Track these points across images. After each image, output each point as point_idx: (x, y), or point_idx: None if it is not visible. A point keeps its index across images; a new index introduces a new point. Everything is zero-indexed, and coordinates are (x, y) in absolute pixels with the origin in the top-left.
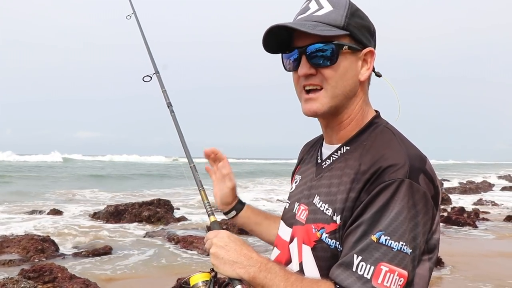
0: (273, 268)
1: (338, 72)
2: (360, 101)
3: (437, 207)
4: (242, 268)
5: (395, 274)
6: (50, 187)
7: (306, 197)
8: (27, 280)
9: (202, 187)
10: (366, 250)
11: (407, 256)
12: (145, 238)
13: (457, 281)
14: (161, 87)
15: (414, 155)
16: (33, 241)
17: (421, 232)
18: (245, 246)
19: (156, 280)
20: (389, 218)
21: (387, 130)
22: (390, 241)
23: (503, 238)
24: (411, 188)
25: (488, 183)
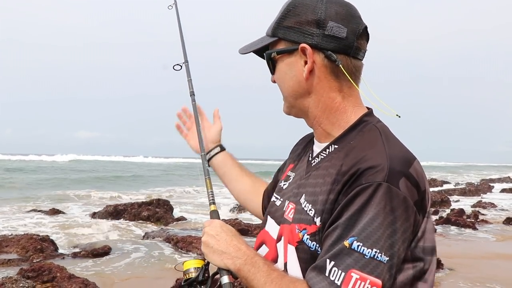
0: (258, 262)
1: (279, 77)
2: (323, 98)
3: (424, 213)
4: (230, 259)
5: (367, 282)
6: (54, 187)
7: (294, 196)
8: (26, 280)
9: (209, 176)
10: (338, 256)
11: (382, 264)
12: (144, 239)
13: (456, 283)
14: (188, 76)
15: (397, 157)
16: (32, 240)
17: (399, 239)
18: (236, 237)
19: (155, 280)
20: (362, 224)
21: (374, 129)
22: (362, 248)
23: (503, 240)
24: (389, 193)
25: (487, 185)
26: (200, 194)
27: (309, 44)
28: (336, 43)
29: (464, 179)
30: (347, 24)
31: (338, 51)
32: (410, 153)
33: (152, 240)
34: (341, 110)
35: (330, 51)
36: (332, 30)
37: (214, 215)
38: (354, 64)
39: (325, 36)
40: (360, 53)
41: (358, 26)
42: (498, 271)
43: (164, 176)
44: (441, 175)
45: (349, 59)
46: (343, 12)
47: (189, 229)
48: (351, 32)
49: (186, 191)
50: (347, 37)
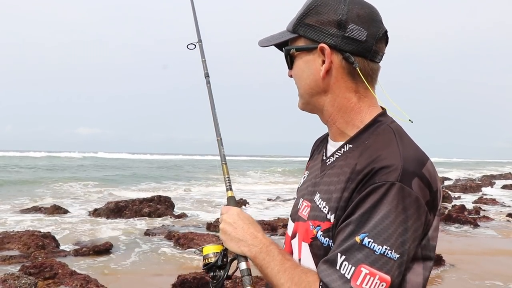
0: (273, 251)
1: (296, 73)
2: (339, 98)
3: (434, 212)
4: (246, 246)
5: (376, 278)
6: (59, 184)
7: (309, 194)
8: (27, 276)
9: (225, 161)
10: (349, 251)
11: (392, 260)
12: (145, 235)
13: (457, 279)
14: (202, 57)
15: (411, 158)
16: (33, 237)
17: (411, 238)
18: (253, 225)
19: (156, 277)
20: (374, 221)
21: (389, 129)
22: (373, 244)
23: (504, 236)
24: (402, 192)
25: (489, 181)
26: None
27: (328, 44)
28: (355, 46)
29: (465, 175)
30: (368, 27)
31: (356, 54)
32: (423, 153)
33: (153, 237)
34: (356, 110)
35: (348, 53)
36: (353, 32)
37: (231, 201)
38: (371, 67)
39: (345, 38)
40: (378, 57)
41: (378, 30)
42: (499, 267)
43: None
44: (442, 170)
45: (367, 62)
46: (364, 15)
47: (190, 225)
48: (371, 36)
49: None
50: (366, 40)
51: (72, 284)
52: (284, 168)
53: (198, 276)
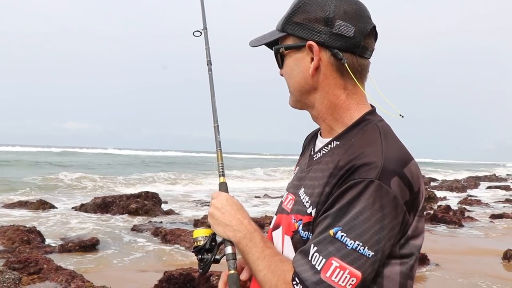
0: (255, 238)
1: (286, 72)
2: (328, 95)
3: (415, 213)
4: (232, 231)
5: (346, 272)
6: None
7: (295, 187)
8: (12, 271)
9: (220, 148)
10: (322, 243)
11: (364, 257)
12: (132, 231)
13: (441, 278)
14: (206, 44)
15: (393, 157)
16: (18, 231)
17: (386, 237)
18: (240, 211)
19: (143, 273)
20: (349, 216)
21: (375, 128)
22: (345, 238)
23: (488, 236)
24: (380, 190)
25: (474, 182)
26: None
27: (316, 41)
28: (343, 42)
29: (451, 176)
30: (355, 23)
31: (344, 50)
32: (408, 153)
33: (140, 233)
34: (345, 107)
35: (336, 49)
36: (340, 28)
37: (223, 187)
38: (360, 62)
39: (333, 35)
40: (367, 52)
41: (366, 26)
42: (483, 266)
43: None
44: (428, 171)
45: (355, 57)
46: (352, 11)
47: (177, 222)
48: (358, 32)
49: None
50: (354, 36)
51: (57, 279)
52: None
53: (184, 272)
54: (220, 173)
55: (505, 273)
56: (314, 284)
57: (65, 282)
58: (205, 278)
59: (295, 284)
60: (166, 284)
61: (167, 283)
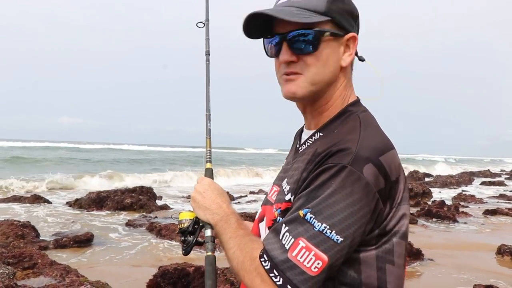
0: (231, 220)
1: (320, 59)
2: (341, 87)
3: (392, 202)
4: (211, 214)
5: (311, 254)
6: None
7: (279, 179)
8: (6, 266)
9: (209, 135)
10: (293, 223)
11: (331, 241)
12: (126, 226)
13: (436, 273)
14: (206, 35)
15: (368, 144)
16: (13, 226)
17: (357, 223)
18: (221, 196)
19: (137, 268)
20: (319, 198)
21: (356, 118)
22: (313, 220)
23: (482, 232)
24: (351, 176)
25: (468, 178)
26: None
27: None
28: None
29: (445, 172)
30: (358, 25)
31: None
32: (388, 143)
33: (134, 228)
34: (345, 99)
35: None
36: (358, 27)
37: (208, 172)
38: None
39: (357, 31)
40: None
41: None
42: (477, 261)
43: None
44: (422, 167)
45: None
46: (358, 13)
47: (173, 216)
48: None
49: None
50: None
51: (52, 274)
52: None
53: (179, 267)
54: (207, 159)
55: (499, 268)
56: (281, 262)
57: (60, 277)
58: (200, 273)
59: (263, 261)
60: (161, 279)
61: (162, 278)
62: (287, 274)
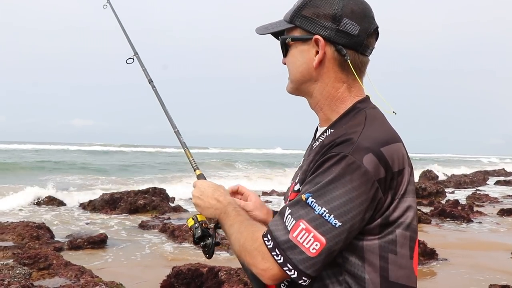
0: (228, 209)
1: (289, 61)
2: (327, 87)
3: (394, 193)
4: (214, 210)
5: (310, 235)
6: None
7: (295, 176)
8: (22, 266)
9: (186, 147)
10: (295, 206)
11: (329, 224)
12: (140, 227)
13: (450, 273)
14: (141, 66)
15: (370, 136)
16: (28, 228)
17: (355, 209)
18: (217, 191)
19: (151, 269)
20: (320, 184)
21: (363, 114)
22: (314, 204)
23: (497, 231)
24: (352, 164)
25: (482, 177)
26: None
27: (322, 36)
28: (347, 39)
29: (459, 171)
30: (360, 23)
31: (348, 47)
32: (392, 136)
33: (148, 229)
34: (342, 99)
35: (341, 45)
36: (346, 26)
37: (201, 177)
38: (361, 59)
39: (338, 31)
40: (368, 50)
41: (370, 26)
42: (492, 261)
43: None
44: (436, 167)
45: (357, 55)
46: (358, 11)
47: (185, 218)
48: (363, 31)
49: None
50: (358, 35)
51: (67, 274)
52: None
53: (193, 267)
54: (195, 167)
55: None
56: (282, 242)
57: (74, 278)
58: (213, 273)
59: (266, 240)
60: (174, 280)
61: (175, 278)
62: (287, 253)
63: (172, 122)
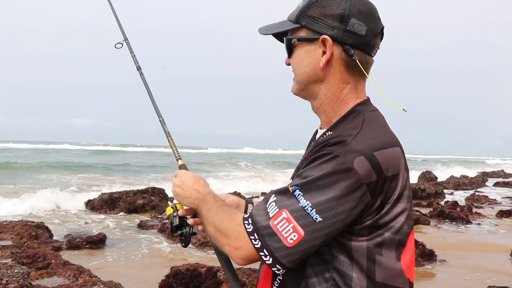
0: (207, 198)
1: (295, 62)
2: (333, 87)
3: (385, 198)
4: (193, 200)
5: (290, 225)
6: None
7: (293, 177)
8: (20, 266)
9: (170, 137)
10: (281, 195)
11: (310, 218)
12: (139, 227)
13: (449, 274)
14: (131, 53)
15: (365, 139)
16: (27, 227)
17: (339, 208)
18: (197, 182)
19: (150, 268)
20: (308, 178)
21: (361, 116)
22: (300, 197)
23: (496, 233)
24: (341, 165)
25: (481, 178)
26: None
27: (330, 36)
28: (355, 39)
29: (457, 172)
30: (367, 23)
31: (355, 47)
32: (389, 141)
33: (146, 229)
34: (345, 100)
35: (348, 45)
36: (354, 27)
37: (183, 168)
38: (367, 60)
39: (346, 31)
40: (374, 51)
41: (376, 26)
42: (491, 262)
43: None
44: (435, 168)
45: (364, 55)
46: (365, 11)
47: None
48: (370, 31)
49: None
50: (366, 35)
51: (65, 274)
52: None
53: (191, 267)
54: (177, 157)
55: None
56: (262, 228)
57: (73, 277)
58: (212, 273)
59: (246, 223)
60: (173, 279)
61: (174, 278)
62: (265, 239)
63: (158, 111)
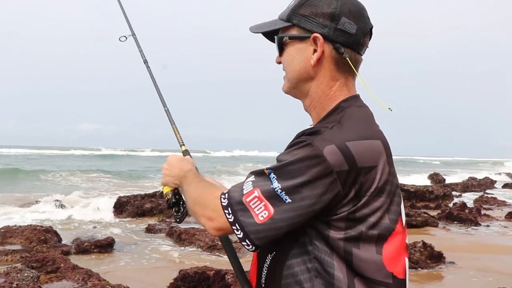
0: (188, 174)
1: (286, 60)
2: (322, 85)
3: (358, 189)
4: (176, 178)
5: (261, 204)
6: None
7: None
8: (30, 270)
9: (175, 124)
10: (257, 176)
11: (279, 198)
12: (147, 231)
13: (457, 276)
14: (138, 47)
15: (340, 131)
16: (36, 231)
17: (306, 192)
18: (182, 162)
19: (158, 272)
20: (281, 163)
21: (342, 112)
22: (274, 179)
23: (506, 234)
24: (313, 152)
25: (490, 180)
26: None
27: (321, 34)
28: (345, 38)
29: (465, 174)
30: (357, 22)
31: (345, 45)
32: (367, 134)
33: (155, 232)
34: (333, 97)
35: (339, 44)
36: (344, 25)
37: (186, 153)
38: (356, 58)
39: (337, 30)
40: (363, 49)
41: (366, 25)
42: (500, 264)
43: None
44: (442, 170)
45: (354, 53)
46: (355, 11)
47: (192, 222)
48: (359, 30)
49: None
50: (356, 34)
51: (74, 278)
52: None
53: (199, 271)
54: (181, 143)
55: None
56: (236, 203)
57: (82, 281)
58: (220, 276)
59: (223, 198)
60: (181, 283)
61: (182, 282)
62: (237, 214)
63: (163, 101)
